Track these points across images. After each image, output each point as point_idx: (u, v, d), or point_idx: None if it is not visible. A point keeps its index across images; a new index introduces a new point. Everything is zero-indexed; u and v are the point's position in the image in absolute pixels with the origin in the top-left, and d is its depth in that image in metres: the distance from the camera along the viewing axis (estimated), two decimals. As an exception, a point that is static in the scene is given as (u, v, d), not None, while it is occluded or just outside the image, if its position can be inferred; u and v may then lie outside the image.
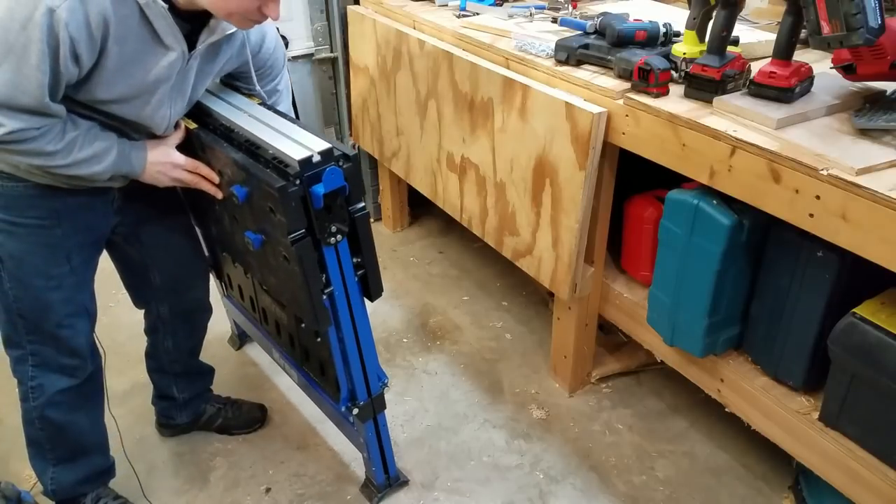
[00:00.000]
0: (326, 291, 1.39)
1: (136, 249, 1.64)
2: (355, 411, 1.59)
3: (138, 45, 1.23)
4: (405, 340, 2.34)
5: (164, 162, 1.41)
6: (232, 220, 1.48)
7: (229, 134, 1.41)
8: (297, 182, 1.24)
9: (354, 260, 1.42)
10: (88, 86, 1.23)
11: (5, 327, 1.50)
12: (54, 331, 1.48)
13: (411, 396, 2.10)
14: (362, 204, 1.37)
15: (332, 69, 2.77)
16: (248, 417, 1.99)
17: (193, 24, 1.29)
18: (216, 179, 1.45)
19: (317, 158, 1.26)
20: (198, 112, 1.49)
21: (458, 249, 2.82)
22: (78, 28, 1.13)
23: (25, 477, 1.85)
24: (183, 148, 1.46)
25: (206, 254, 1.84)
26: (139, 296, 1.74)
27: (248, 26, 1.30)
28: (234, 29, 1.37)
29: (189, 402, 1.93)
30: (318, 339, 1.66)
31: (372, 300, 1.50)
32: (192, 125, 1.46)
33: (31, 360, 1.52)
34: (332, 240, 1.33)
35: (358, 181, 1.34)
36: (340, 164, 1.29)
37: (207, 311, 1.84)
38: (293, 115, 1.57)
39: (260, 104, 1.52)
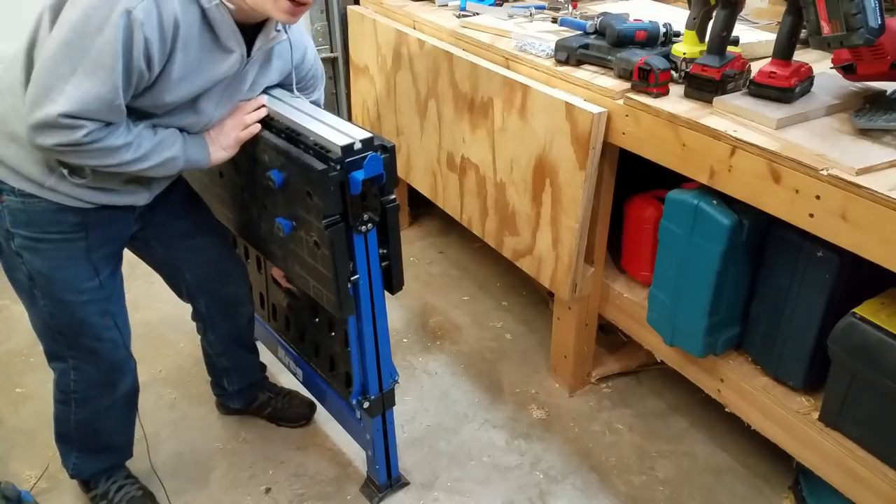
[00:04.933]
0: (352, 279, 1.40)
1: (160, 252, 1.65)
2: (366, 405, 1.59)
3: (201, 53, 1.25)
4: (405, 340, 2.34)
5: (222, 135, 1.41)
6: (261, 207, 1.50)
7: (269, 121, 1.43)
8: (338, 167, 1.27)
9: (381, 251, 1.44)
10: (152, 92, 1.24)
11: (48, 343, 1.51)
12: (93, 345, 1.49)
13: (411, 396, 2.10)
14: (394, 196, 1.40)
15: (332, 69, 2.78)
16: (296, 412, 2.00)
17: (246, 33, 1.31)
18: (257, 103, 1.45)
19: (358, 146, 1.29)
20: None
21: (458, 249, 2.82)
22: (152, 29, 1.15)
23: (25, 477, 1.85)
24: None
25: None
26: (178, 293, 1.76)
27: (287, 17, 1.27)
28: (285, 36, 1.41)
29: (240, 392, 1.95)
30: (332, 334, 1.67)
31: (393, 293, 1.52)
32: None
33: (74, 375, 1.53)
34: (364, 228, 1.36)
35: (393, 172, 1.36)
36: (379, 153, 1.32)
37: (247, 304, 1.82)
38: None
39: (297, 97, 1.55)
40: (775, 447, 1.57)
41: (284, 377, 2.15)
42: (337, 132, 1.33)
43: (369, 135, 1.32)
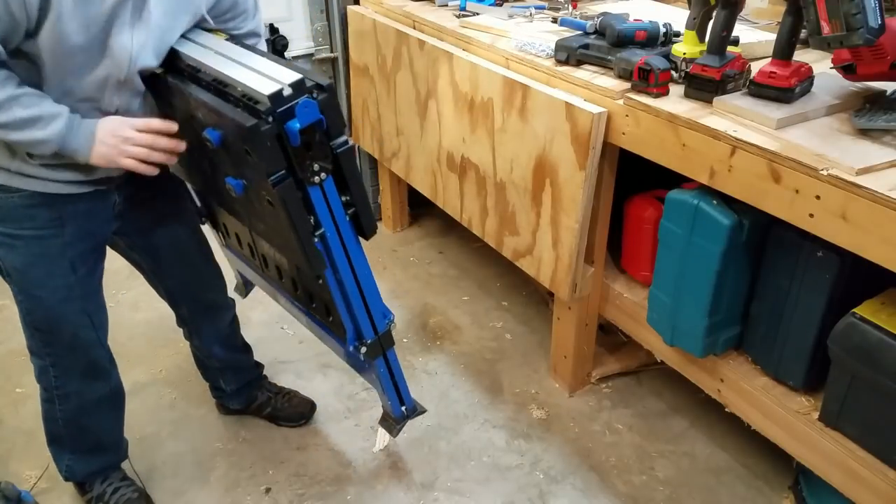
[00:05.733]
0: (318, 234, 1.31)
1: (141, 257, 1.64)
2: (363, 350, 1.55)
3: None
4: (405, 340, 2.34)
5: (116, 136, 1.26)
6: (212, 166, 1.39)
7: (196, 74, 1.28)
8: (270, 119, 1.14)
9: (343, 198, 1.33)
10: (51, 21, 1.12)
11: (27, 339, 1.51)
12: (70, 342, 1.48)
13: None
14: (344, 138, 1.27)
15: (332, 69, 2.77)
16: (295, 412, 2.00)
17: None
18: (173, 129, 1.32)
19: (288, 91, 1.15)
20: (165, 56, 1.38)
21: (458, 249, 2.82)
22: None
23: (25, 477, 1.85)
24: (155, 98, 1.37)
25: (204, 210, 1.76)
26: (160, 295, 1.75)
27: None
28: None
29: (238, 392, 1.95)
30: (320, 282, 1.56)
31: (367, 238, 1.43)
32: (159, 70, 1.34)
33: (53, 371, 1.52)
34: (316, 178, 1.24)
35: (336, 113, 1.23)
36: (314, 95, 1.18)
37: (227, 308, 1.82)
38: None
39: (227, 39, 1.40)
40: (775, 447, 1.57)
41: (283, 377, 2.15)
42: (266, 79, 1.18)
43: (299, 77, 1.17)
